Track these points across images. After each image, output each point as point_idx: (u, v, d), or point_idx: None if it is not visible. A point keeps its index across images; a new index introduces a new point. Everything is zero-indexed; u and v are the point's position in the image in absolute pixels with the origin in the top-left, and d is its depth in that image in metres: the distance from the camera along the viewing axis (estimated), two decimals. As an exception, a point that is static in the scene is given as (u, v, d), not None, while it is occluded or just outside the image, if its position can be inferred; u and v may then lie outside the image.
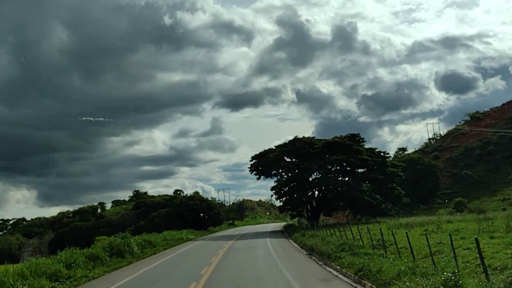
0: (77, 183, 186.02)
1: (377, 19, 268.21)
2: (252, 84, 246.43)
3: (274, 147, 69.42)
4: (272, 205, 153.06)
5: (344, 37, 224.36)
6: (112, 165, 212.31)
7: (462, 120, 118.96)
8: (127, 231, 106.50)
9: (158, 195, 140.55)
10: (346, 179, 63.12)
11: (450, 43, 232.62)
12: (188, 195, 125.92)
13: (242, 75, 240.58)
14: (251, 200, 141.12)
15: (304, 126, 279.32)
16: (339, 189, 60.31)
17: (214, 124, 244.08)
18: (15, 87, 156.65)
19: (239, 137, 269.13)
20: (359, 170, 63.47)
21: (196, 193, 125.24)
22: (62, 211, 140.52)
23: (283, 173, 65.09)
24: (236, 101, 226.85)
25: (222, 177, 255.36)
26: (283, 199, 64.20)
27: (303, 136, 67.85)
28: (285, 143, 68.44)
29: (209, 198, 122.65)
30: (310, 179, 62.32)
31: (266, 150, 68.84)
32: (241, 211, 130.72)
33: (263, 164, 65.23)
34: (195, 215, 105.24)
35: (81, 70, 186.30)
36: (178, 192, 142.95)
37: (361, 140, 65.91)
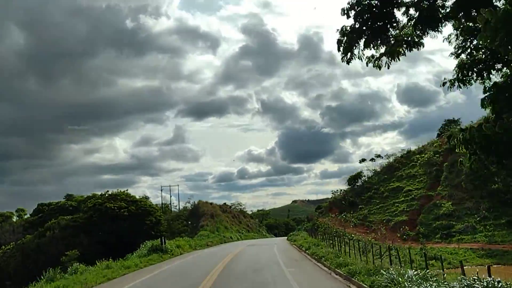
0: (34, 191, 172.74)
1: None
2: (217, 93, 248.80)
3: None
4: (242, 212, 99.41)
5: (310, 47, 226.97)
6: (71, 174, 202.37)
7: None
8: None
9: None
10: None
11: (412, 56, 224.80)
12: (109, 193, 71.98)
13: (207, 83, 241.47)
14: (211, 204, 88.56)
15: (267, 137, 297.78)
16: None
17: (177, 133, 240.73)
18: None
19: (202, 147, 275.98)
20: None
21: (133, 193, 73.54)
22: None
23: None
24: (201, 110, 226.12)
25: (185, 187, 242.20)
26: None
27: None
28: None
29: (142, 197, 72.09)
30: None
31: None
32: (195, 219, 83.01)
33: None
34: (120, 226, 63.17)
35: (38, 74, 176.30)
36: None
37: None
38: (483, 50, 14.86)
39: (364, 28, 14.77)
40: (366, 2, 14.46)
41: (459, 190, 57.24)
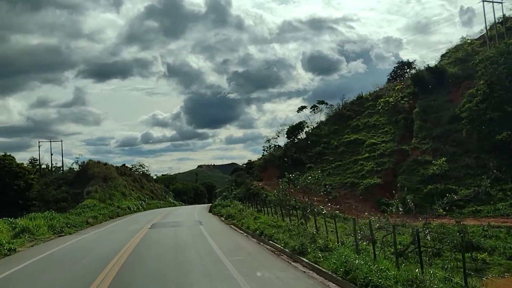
0: None
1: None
2: (121, 54, 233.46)
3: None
4: (145, 175, 79.25)
5: (217, 11, 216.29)
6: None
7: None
8: None
9: None
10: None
11: (317, 25, 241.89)
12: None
13: (110, 43, 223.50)
14: (105, 164, 67.12)
15: (173, 101, 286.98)
16: None
17: (77, 95, 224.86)
18: None
19: (104, 110, 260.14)
20: None
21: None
22: None
23: None
24: (103, 71, 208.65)
25: (85, 151, 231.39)
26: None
27: None
28: None
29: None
30: None
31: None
32: (82, 183, 60.79)
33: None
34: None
35: None
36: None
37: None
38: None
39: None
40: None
41: (443, 142, 42.07)
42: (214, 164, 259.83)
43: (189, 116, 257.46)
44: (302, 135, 53.36)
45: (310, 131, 53.50)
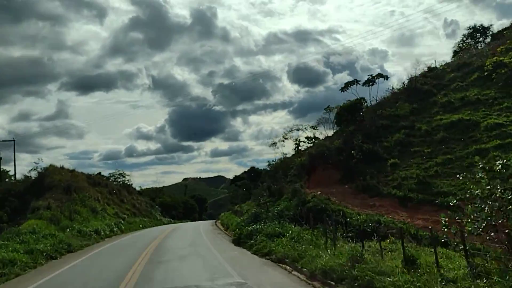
0: None
1: (234, 6, 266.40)
2: (105, 66, 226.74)
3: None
4: (126, 185, 60.37)
5: (203, 22, 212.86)
6: None
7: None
8: None
9: None
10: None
11: (303, 37, 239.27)
12: None
13: (93, 55, 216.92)
14: (72, 171, 51.36)
15: (157, 114, 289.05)
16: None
17: (60, 108, 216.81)
18: None
19: (87, 123, 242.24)
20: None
21: None
22: None
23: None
24: (86, 84, 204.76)
25: (68, 165, 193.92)
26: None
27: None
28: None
29: None
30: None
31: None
32: (36, 196, 40.29)
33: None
34: None
35: None
36: None
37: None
38: None
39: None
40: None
41: None
42: (200, 177, 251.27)
43: (174, 129, 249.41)
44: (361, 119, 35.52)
45: (378, 112, 35.68)
